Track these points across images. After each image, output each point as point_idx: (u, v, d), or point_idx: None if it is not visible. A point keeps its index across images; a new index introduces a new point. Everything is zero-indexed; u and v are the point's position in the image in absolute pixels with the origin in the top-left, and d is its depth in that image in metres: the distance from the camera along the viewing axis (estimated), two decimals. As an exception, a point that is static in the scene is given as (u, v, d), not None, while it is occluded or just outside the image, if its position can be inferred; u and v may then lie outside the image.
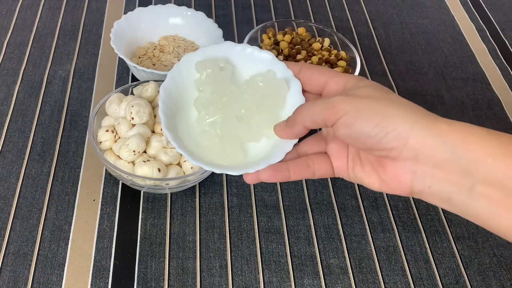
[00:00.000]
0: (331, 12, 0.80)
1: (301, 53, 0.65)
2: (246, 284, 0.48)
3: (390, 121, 0.35)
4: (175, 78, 0.45)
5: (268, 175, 0.42)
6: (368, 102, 0.37)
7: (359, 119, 0.36)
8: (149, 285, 0.47)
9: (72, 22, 0.72)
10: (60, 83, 0.64)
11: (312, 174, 0.42)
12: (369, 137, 0.36)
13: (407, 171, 0.37)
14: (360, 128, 0.36)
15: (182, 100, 0.45)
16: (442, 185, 0.36)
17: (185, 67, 0.45)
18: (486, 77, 0.73)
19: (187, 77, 0.45)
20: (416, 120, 0.35)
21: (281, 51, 0.66)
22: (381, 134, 0.36)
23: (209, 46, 0.45)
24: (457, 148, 0.34)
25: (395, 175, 0.37)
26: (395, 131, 0.35)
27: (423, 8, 0.84)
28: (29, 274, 0.47)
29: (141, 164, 0.49)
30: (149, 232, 0.51)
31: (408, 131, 0.35)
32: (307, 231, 0.53)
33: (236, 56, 0.46)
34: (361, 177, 0.40)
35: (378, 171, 0.39)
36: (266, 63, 0.46)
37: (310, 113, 0.39)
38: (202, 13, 0.67)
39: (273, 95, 0.45)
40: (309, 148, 0.44)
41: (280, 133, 0.43)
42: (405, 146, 0.35)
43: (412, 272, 0.51)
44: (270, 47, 0.66)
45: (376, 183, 0.39)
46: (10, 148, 0.56)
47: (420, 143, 0.35)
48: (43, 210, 0.52)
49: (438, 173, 0.35)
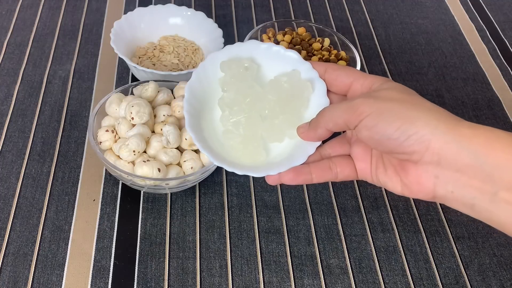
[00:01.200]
0: (331, 12, 0.80)
1: (301, 53, 0.65)
2: (246, 284, 0.48)
3: (412, 124, 0.35)
4: (200, 77, 0.45)
5: (290, 177, 0.41)
6: (391, 105, 0.36)
7: (381, 121, 0.36)
8: (149, 285, 0.47)
9: (72, 22, 0.72)
10: (60, 83, 0.64)
11: (334, 177, 0.42)
12: (390, 140, 0.36)
13: (430, 175, 0.36)
14: (381, 130, 0.36)
15: (207, 98, 0.45)
16: (465, 190, 0.35)
17: (210, 66, 0.45)
18: (486, 77, 0.73)
19: (212, 76, 0.45)
20: (439, 124, 0.34)
21: None
22: (402, 137, 0.35)
23: (234, 45, 0.45)
24: (480, 154, 0.33)
25: (417, 179, 0.37)
26: (416, 135, 0.35)
27: (423, 8, 0.84)
28: (29, 274, 0.47)
29: (141, 164, 0.49)
30: (149, 232, 0.51)
31: (430, 135, 0.34)
32: (307, 231, 0.53)
33: (261, 55, 0.46)
34: (384, 181, 0.40)
35: (400, 175, 0.38)
36: (291, 63, 0.45)
37: (333, 116, 0.39)
38: (202, 13, 0.67)
39: (297, 96, 0.44)
40: (332, 151, 0.43)
41: (303, 135, 0.42)
42: (427, 150, 0.35)
43: (412, 272, 0.51)
44: None
45: (398, 187, 0.39)
46: (10, 148, 0.56)
47: (442, 147, 0.34)
48: (43, 210, 0.52)
49: (461, 178, 0.35)
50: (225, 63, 0.44)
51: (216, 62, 0.45)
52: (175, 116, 0.54)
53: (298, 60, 0.45)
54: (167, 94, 0.55)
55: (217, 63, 0.45)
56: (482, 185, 0.34)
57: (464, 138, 0.34)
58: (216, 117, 0.45)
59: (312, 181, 0.42)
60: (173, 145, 0.51)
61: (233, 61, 0.44)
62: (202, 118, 0.44)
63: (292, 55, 0.45)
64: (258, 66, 0.46)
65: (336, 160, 0.42)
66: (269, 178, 0.42)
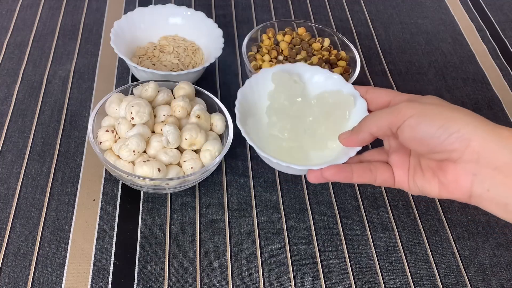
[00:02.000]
0: (331, 12, 0.80)
1: (301, 53, 0.65)
2: (246, 284, 0.48)
3: (454, 123, 0.37)
4: (252, 85, 0.50)
5: (332, 172, 0.44)
6: (432, 107, 0.39)
7: (424, 121, 0.38)
8: (149, 285, 0.47)
9: (72, 22, 0.72)
10: (60, 83, 0.64)
11: (373, 180, 0.45)
12: (433, 138, 0.38)
13: (468, 173, 0.38)
14: (424, 129, 0.38)
15: (254, 106, 0.50)
16: (501, 188, 0.36)
17: (261, 78, 0.51)
18: (486, 77, 0.73)
19: (262, 87, 0.51)
20: (479, 125, 0.37)
21: (281, 51, 0.66)
22: (444, 135, 0.37)
23: (285, 64, 0.51)
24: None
25: (455, 177, 0.38)
26: (458, 133, 0.37)
27: (423, 8, 0.84)
28: (29, 274, 0.47)
29: (141, 164, 0.49)
30: (149, 232, 0.51)
31: (471, 133, 0.36)
32: (307, 231, 0.53)
33: (308, 75, 0.51)
34: (421, 185, 0.42)
35: (438, 175, 0.40)
36: (335, 84, 0.50)
37: (376, 119, 0.41)
38: (202, 13, 0.67)
39: (340, 109, 0.49)
40: (371, 158, 0.46)
41: (345, 140, 0.45)
42: (467, 147, 0.37)
43: (412, 272, 0.51)
44: (270, 47, 0.66)
45: (435, 189, 0.41)
46: (10, 148, 0.56)
47: (482, 145, 0.36)
48: (43, 210, 0.52)
49: (497, 176, 0.36)
50: (276, 74, 0.50)
51: (267, 76, 0.51)
52: (175, 116, 0.54)
53: (341, 82, 0.50)
54: (167, 94, 0.55)
55: (268, 76, 0.50)
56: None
57: (503, 138, 0.36)
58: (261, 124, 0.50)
59: (352, 179, 0.44)
60: (173, 145, 0.51)
61: (283, 74, 0.50)
62: (248, 123, 0.48)
63: (336, 77, 0.51)
64: (305, 84, 0.51)
65: (377, 164, 0.45)
66: (310, 175, 0.44)
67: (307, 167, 0.45)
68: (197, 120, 0.53)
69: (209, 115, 0.55)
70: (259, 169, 0.57)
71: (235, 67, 0.69)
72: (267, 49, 0.65)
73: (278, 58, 0.65)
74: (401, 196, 0.57)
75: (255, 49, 0.65)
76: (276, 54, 0.65)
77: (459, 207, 0.57)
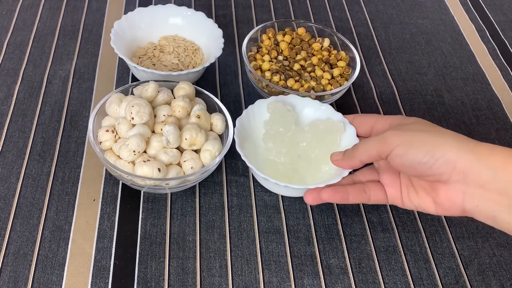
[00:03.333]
0: (331, 12, 0.80)
1: (301, 53, 0.65)
2: (246, 284, 0.48)
3: (439, 149, 0.40)
4: (249, 114, 0.55)
5: (329, 194, 0.47)
6: (417, 134, 0.42)
7: (410, 149, 0.41)
8: (149, 285, 0.47)
9: (72, 22, 0.72)
10: (60, 83, 0.64)
11: (367, 199, 0.48)
12: (421, 164, 0.41)
13: (458, 192, 0.41)
14: (412, 157, 0.41)
15: (251, 134, 0.55)
16: (488, 204, 0.40)
17: (257, 108, 0.56)
18: (486, 77, 0.73)
19: (258, 117, 0.56)
20: (461, 147, 0.40)
21: (281, 51, 0.66)
22: (431, 160, 0.40)
23: (279, 96, 0.56)
24: (497, 170, 0.38)
25: (447, 197, 0.42)
26: (443, 157, 0.40)
27: (423, 8, 0.84)
28: (29, 274, 0.47)
29: (141, 164, 0.49)
30: (149, 232, 0.51)
31: (455, 157, 0.40)
32: (307, 231, 0.53)
33: (300, 105, 0.56)
34: (418, 203, 0.45)
35: (431, 195, 0.44)
36: (325, 113, 0.56)
37: (366, 148, 0.45)
38: (202, 13, 0.67)
39: (331, 134, 0.53)
40: (363, 177, 0.50)
41: (337, 162, 0.49)
42: (454, 169, 0.40)
43: (412, 272, 0.51)
44: (270, 47, 0.66)
45: (432, 207, 0.44)
46: (10, 148, 0.56)
47: (467, 166, 0.39)
48: (43, 210, 0.52)
49: (483, 193, 0.40)
50: (271, 104, 0.55)
51: (262, 105, 0.55)
52: (175, 116, 0.54)
53: (331, 111, 0.56)
54: (167, 94, 0.55)
55: (263, 106, 0.55)
56: (500, 198, 0.39)
57: (483, 157, 0.39)
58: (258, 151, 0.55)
59: (348, 200, 0.48)
60: (173, 145, 0.51)
61: (277, 103, 0.55)
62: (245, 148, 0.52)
63: (326, 107, 0.56)
64: (297, 114, 0.56)
65: (370, 184, 0.48)
66: (308, 197, 0.48)
67: (304, 186, 0.49)
68: (197, 120, 0.53)
69: (209, 115, 0.55)
70: (259, 169, 0.57)
71: (235, 67, 0.69)
72: (267, 49, 0.65)
73: (278, 58, 0.65)
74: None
75: (255, 49, 0.65)
76: (276, 54, 0.65)
77: (459, 207, 0.57)
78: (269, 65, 0.63)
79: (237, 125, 0.53)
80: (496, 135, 0.65)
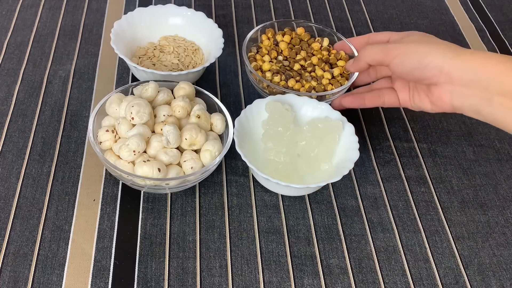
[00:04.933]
0: (331, 12, 0.80)
1: (300, 53, 0.65)
2: (246, 284, 0.48)
3: (428, 56, 0.48)
4: (247, 114, 0.56)
5: (349, 99, 0.58)
6: (412, 45, 0.51)
7: (406, 59, 0.50)
8: (149, 285, 0.47)
9: (72, 22, 0.72)
10: (60, 83, 0.64)
11: (382, 103, 0.57)
12: (415, 70, 0.50)
13: (447, 91, 0.49)
14: (407, 64, 0.50)
15: (250, 134, 0.55)
16: (471, 100, 0.48)
17: (256, 108, 0.56)
18: (486, 77, 0.73)
19: (257, 117, 0.56)
20: (446, 53, 0.48)
21: (281, 52, 0.66)
22: (422, 66, 0.49)
23: (276, 96, 0.57)
24: (478, 70, 0.46)
25: (439, 96, 0.50)
26: (432, 63, 0.48)
27: (423, 8, 0.84)
28: (29, 274, 0.47)
29: (141, 164, 0.49)
30: (149, 232, 0.51)
31: (441, 61, 0.48)
32: (307, 231, 0.53)
33: (298, 105, 0.57)
34: (419, 103, 0.54)
35: (428, 96, 0.52)
36: (323, 111, 0.57)
37: (371, 54, 0.54)
38: (202, 13, 0.67)
39: (330, 133, 0.55)
40: (380, 86, 0.58)
41: (349, 66, 0.59)
42: (441, 73, 0.48)
43: (412, 272, 0.51)
44: (269, 47, 0.66)
45: (428, 106, 0.52)
46: (10, 148, 0.56)
47: (451, 68, 0.47)
48: (43, 210, 0.52)
49: (466, 91, 0.47)
50: (270, 103, 0.55)
51: (261, 105, 0.56)
52: (175, 116, 0.54)
53: (329, 110, 0.57)
54: (167, 94, 0.55)
55: (261, 107, 0.56)
56: (481, 94, 0.46)
57: (466, 60, 0.47)
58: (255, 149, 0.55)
59: (365, 105, 0.58)
60: (173, 145, 0.51)
61: (276, 103, 0.55)
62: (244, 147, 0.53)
63: (323, 105, 0.57)
64: (296, 113, 0.57)
65: (384, 90, 0.57)
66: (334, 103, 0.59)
67: (305, 185, 0.50)
68: (197, 120, 0.53)
69: (209, 115, 0.55)
70: (259, 169, 0.57)
71: (235, 67, 0.69)
72: (267, 50, 0.65)
73: (278, 58, 0.65)
74: (401, 196, 0.57)
75: (255, 50, 0.65)
76: (276, 54, 0.65)
77: (459, 207, 0.57)
78: (270, 66, 0.63)
79: (236, 125, 0.53)
80: (496, 134, 0.65)
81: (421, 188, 0.58)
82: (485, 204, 0.57)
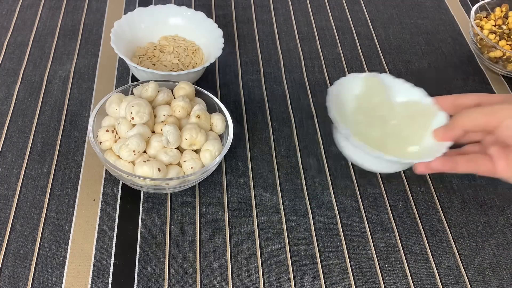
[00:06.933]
0: (331, 12, 0.80)
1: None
2: (246, 284, 0.48)
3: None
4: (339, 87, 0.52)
5: (439, 162, 0.48)
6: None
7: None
8: (149, 285, 0.47)
9: (72, 22, 0.72)
10: (60, 83, 0.64)
11: (476, 169, 0.48)
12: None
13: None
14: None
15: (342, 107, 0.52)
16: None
17: (349, 82, 0.53)
18: (486, 77, 0.73)
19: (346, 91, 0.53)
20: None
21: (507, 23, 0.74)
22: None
23: (372, 73, 0.54)
24: None
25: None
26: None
27: (423, 8, 0.84)
28: (29, 274, 0.47)
29: (141, 164, 0.49)
30: (149, 232, 0.51)
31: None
32: (307, 231, 0.53)
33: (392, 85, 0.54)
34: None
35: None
36: (416, 95, 0.53)
37: (472, 118, 0.46)
38: (202, 13, 0.67)
39: (423, 117, 0.51)
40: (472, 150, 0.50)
41: (439, 136, 0.49)
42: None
43: (412, 272, 0.51)
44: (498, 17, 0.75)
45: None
46: (10, 148, 0.56)
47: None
48: (43, 210, 0.52)
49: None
50: (368, 78, 0.53)
51: (353, 79, 0.53)
52: (175, 116, 0.54)
53: (423, 95, 0.53)
54: (167, 94, 0.55)
55: (355, 80, 0.53)
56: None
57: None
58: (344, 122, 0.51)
59: (457, 169, 0.48)
60: (173, 145, 0.51)
61: (374, 78, 0.53)
62: None
63: (418, 90, 0.53)
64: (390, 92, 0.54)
65: (478, 155, 0.48)
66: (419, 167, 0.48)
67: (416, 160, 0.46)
68: (197, 120, 0.53)
69: (209, 115, 0.55)
70: (259, 169, 0.57)
71: (235, 67, 0.69)
72: (495, 17, 0.75)
73: (502, 27, 0.74)
74: (401, 196, 0.57)
75: (484, 14, 0.76)
76: (501, 23, 0.74)
77: (459, 207, 0.57)
78: (490, 26, 0.73)
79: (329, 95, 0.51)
80: (496, 135, 0.65)
81: (421, 188, 0.58)
82: (485, 204, 0.57)
